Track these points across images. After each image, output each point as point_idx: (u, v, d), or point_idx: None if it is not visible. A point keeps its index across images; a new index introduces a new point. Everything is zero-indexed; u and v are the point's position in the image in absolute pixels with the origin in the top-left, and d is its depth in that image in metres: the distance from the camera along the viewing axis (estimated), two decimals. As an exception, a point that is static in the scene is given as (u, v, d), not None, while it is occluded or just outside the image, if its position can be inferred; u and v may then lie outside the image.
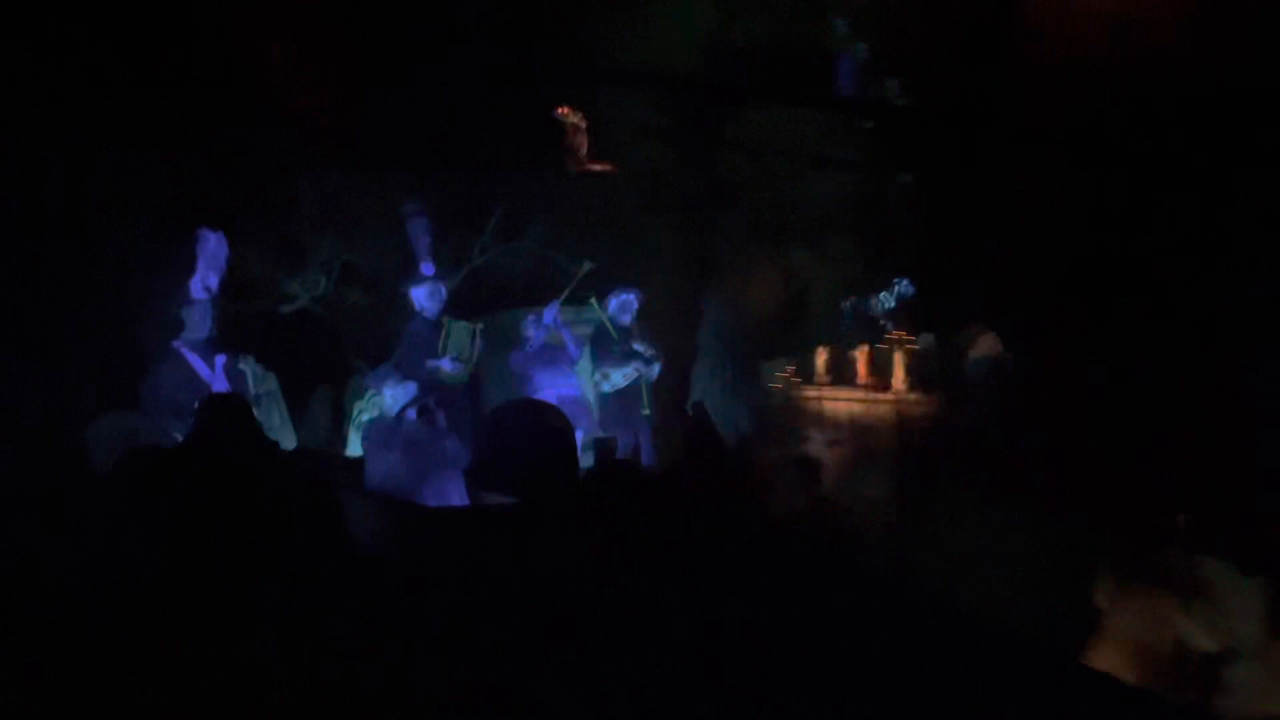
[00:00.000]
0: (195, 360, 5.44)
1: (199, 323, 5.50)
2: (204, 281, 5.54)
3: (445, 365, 6.40)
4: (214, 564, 3.23)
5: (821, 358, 7.84)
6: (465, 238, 8.17)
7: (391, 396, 5.46)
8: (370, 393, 5.88)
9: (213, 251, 5.57)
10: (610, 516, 3.05)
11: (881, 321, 8.41)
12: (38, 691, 2.47)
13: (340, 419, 8.17)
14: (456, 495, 5.31)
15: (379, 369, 5.74)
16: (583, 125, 8.13)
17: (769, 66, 8.62)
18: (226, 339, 5.59)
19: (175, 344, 5.45)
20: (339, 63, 7.47)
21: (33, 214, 5.72)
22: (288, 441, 7.46)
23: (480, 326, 6.68)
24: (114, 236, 5.98)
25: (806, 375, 7.91)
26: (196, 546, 3.31)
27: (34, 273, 5.77)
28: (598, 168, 8.25)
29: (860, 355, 7.70)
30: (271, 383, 7.51)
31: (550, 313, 6.83)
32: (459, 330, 6.52)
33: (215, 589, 3.09)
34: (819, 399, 7.70)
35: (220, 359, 5.53)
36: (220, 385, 5.46)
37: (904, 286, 8.54)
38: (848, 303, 8.90)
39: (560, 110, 8.09)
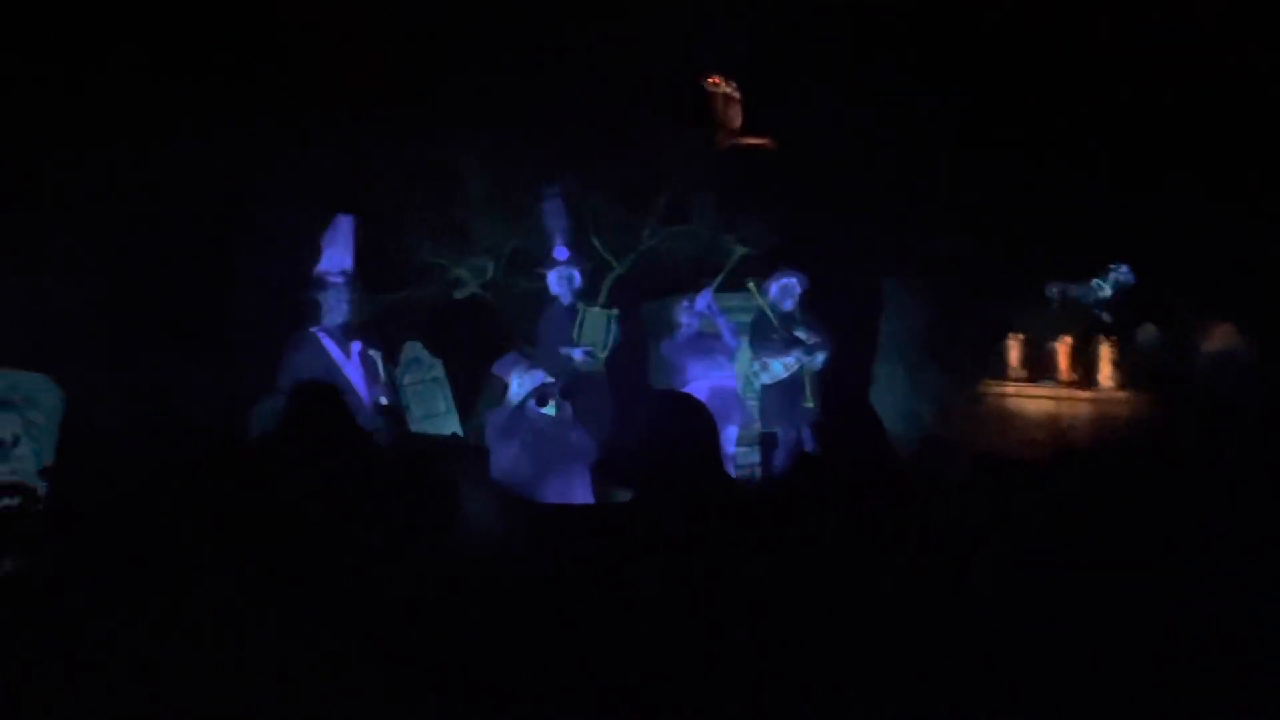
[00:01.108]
0: (331, 346, 5.41)
1: (334, 307, 5.47)
2: (338, 265, 5.50)
3: (576, 354, 6.16)
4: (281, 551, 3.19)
5: (1015, 349, 7.05)
6: (633, 221, 7.92)
7: (518, 384, 5.24)
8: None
9: (345, 235, 5.52)
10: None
11: (1095, 311, 7.49)
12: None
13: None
14: (581, 491, 5.03)
15: (506, 357, 5.53)
16: (736, 96, 7.62)
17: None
18: (361, 324, 5.53)
19: (313, 329, 5.43)
20: (502, 44, 7.35)
21: (194, 206, 5.93)
22: (452, 427, 7.47)
23: (616, 313, 6.39)
24: (269, 223, 6.11)
25: (998, 368, 7.14)
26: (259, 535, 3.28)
27: (202, 262, 5.97)
28: (753, 141, 7.74)
29: (1062, 347, 6.86)
30: (438, 369, 7.55)
31: (703, 299, 6.43)
32: (594, 317, 6.25)
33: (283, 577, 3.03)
34: (1009, 395, 6.92)
35: (356, 345, 5.48)
36: (354, 371, 5.42)
37: (1123, 273, 7.56)
38: (1055, 289, 8.01)
39: (710, 80, 7.63)
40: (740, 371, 6.67)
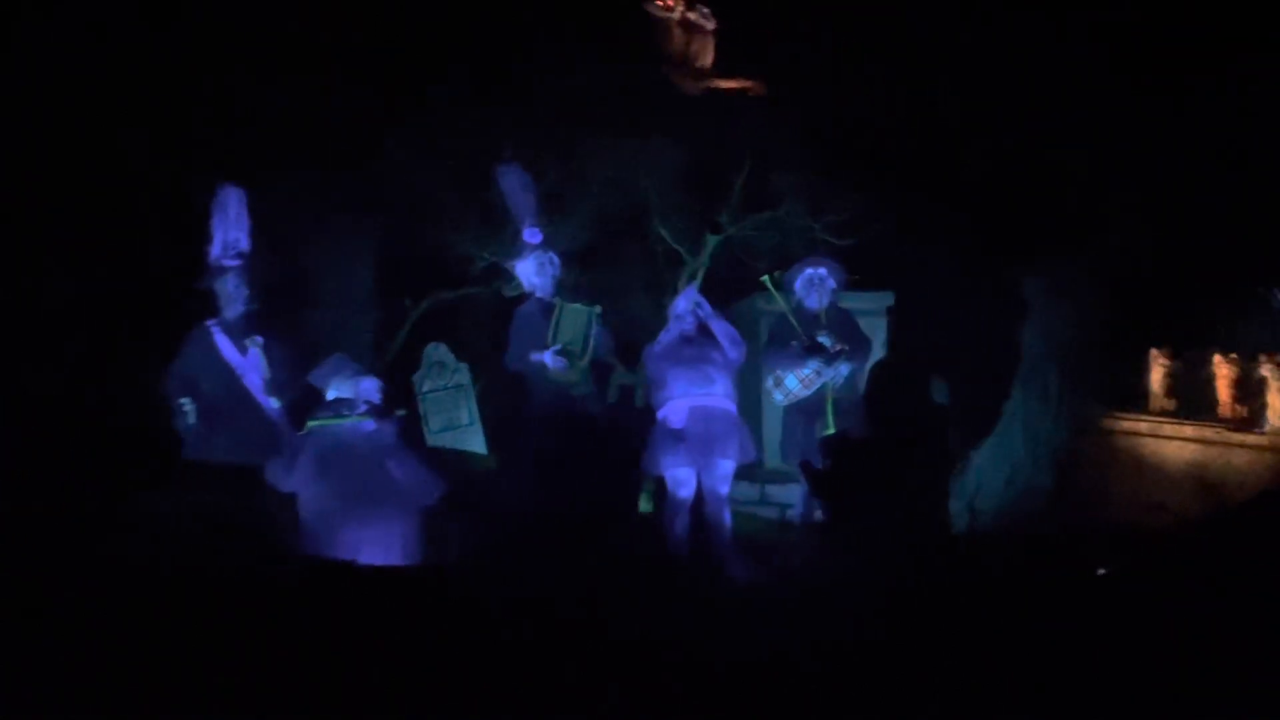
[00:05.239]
0: (223, 342, 4.73)
1: (231, 297, 4.79)
2: (233, 246, 4.78)
3: (547, 358, 5.09)
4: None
5: (1159, 372, 5.12)
6: (708, 208, 6.67)
7: (334, 396, 4.22)
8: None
9: (235, 210, 4.79)
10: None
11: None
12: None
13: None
14: (396, 542, 3.93)
15: (326, 361, 4.44)
16: (707, 25, 5.88)
17: None
18: (261, 318, 4.80)
19: (208, 323, 4.80)
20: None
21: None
22: (475, 442, 6.63)
23: (599, 310, 5.25)
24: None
25: (1139, 396, 5.23)
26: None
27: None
28: (728, 85, 6.01)
29: (1221, 372, 4.86)
30: (463, 375, 6.75)
31: (686, 300, 5.09)
32: (572, 314, 5.16)
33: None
34: (1143, 434, 5.03)
35: (257, 340, 4.77)
36: (250, 373, 4.71)
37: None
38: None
39: (658, 1, 5.88)
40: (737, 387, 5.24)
